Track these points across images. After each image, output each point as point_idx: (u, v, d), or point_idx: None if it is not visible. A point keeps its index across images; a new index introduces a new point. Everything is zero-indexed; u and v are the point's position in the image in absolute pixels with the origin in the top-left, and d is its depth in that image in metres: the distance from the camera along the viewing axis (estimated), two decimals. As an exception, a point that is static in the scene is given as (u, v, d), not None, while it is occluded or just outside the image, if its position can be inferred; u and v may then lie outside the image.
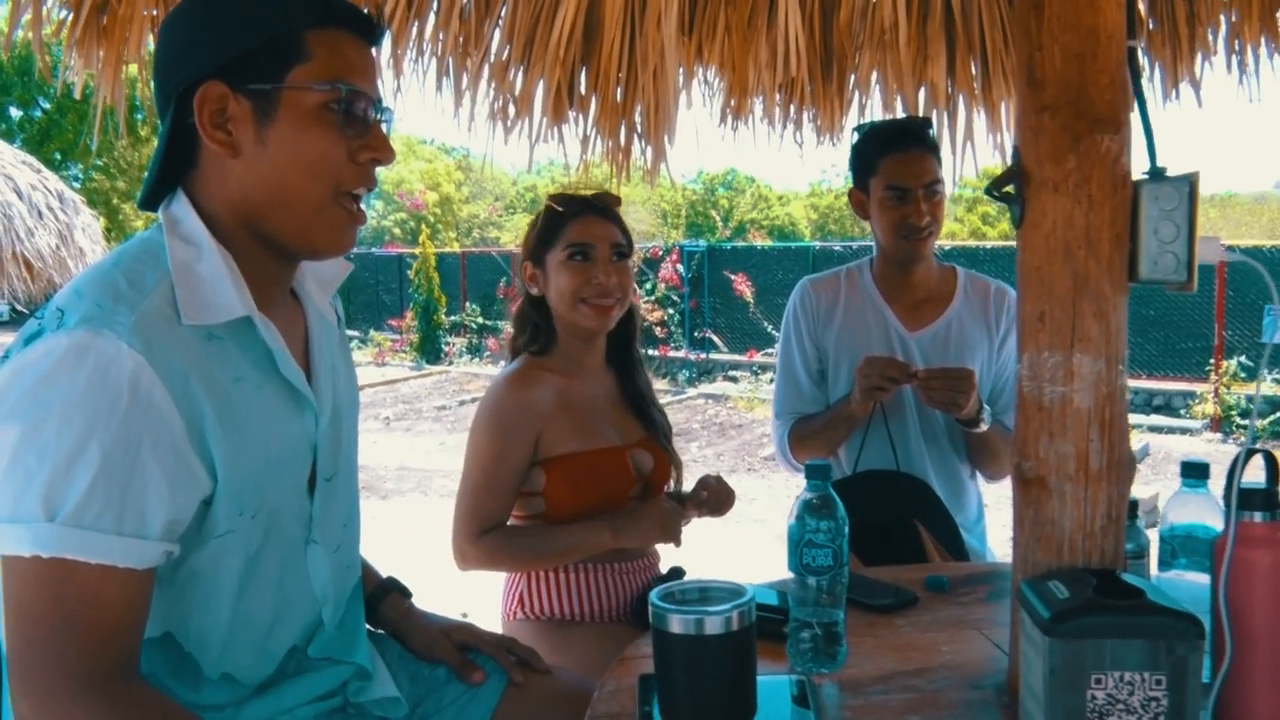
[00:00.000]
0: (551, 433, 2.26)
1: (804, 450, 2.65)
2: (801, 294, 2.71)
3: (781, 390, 2.73)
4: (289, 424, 1.36)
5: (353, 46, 1.33)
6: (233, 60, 1.26)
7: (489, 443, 2.25)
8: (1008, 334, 2.63)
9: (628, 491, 2.33)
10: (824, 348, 2.67)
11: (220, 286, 1.26)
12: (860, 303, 2.66)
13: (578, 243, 2.31)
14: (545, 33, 2.64)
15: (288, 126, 1.27)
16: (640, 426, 2.42)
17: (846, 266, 2.76)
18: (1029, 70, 1.39)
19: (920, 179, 2.50)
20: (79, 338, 1.13)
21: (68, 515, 1.10)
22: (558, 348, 2.39)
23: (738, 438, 11.78)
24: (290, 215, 1.31)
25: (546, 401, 2.27)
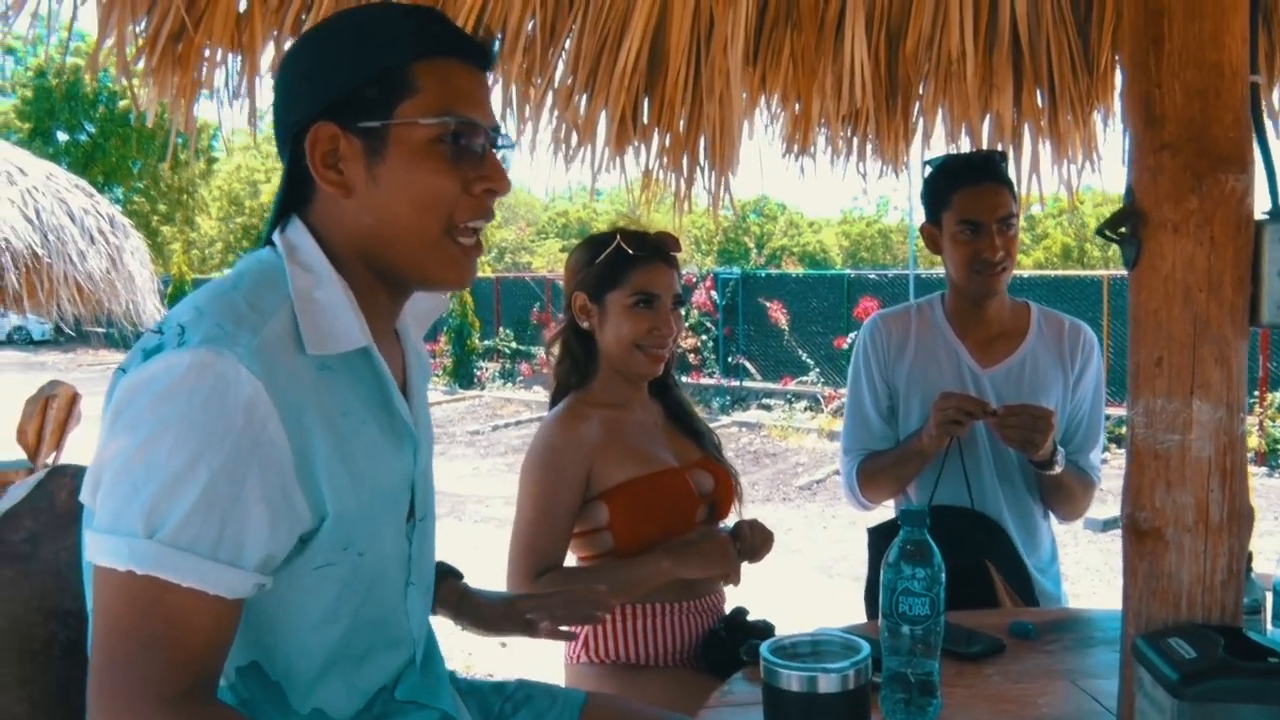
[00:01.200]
0: (604, 464, 2.23)
1: (873, 487, 2.60)
2: (872, 329, 2.67)
3: (851, 426, 2.68)
4: (392, 461, 1.33)
5: (462, 75, 1.30)
6: (341, 99, 1.24)
7: (540, 483, 2.22)
8: (1083, 372, 2.57)
9: (693, 513, 2.30)
10: (894, 384, 2.62)
11: (341, 316, 1.24)
12: (932, 339, 2.61)
13: (645, 291, 2.28)
14: (610, 61, 2.62)
15: (398, 163, 1.25)
16: (694, 446, 2.40)
17: (917, 302, 2.72)
18: (1146, 107, 1.34)
19: (994, 213, 2.45)
20: (200, 356, 1.11)
21: (167, 534, 1.08)
22: (600, 381, 2.36)
23: (772, 466, 11.69)
24: (405, 250, 1.29)
25: (594, 435, 2.24)
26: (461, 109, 1.27)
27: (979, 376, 2.55)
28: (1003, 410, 2.34)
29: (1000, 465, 2.53)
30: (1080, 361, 2.57)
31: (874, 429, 2.63)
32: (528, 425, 14.77)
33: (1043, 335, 2.59)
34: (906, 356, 2.61)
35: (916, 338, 2.62)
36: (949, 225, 2.50)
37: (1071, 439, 2.57)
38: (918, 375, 2.58)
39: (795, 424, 13.76)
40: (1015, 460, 2.51)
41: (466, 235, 1.30)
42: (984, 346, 2.58)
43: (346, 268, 1.29)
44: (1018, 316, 2.62)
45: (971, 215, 2.46)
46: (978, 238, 2.46)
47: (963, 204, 2.47)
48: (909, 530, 1.54)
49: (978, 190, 2.46)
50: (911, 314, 2.68)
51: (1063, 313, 2.65)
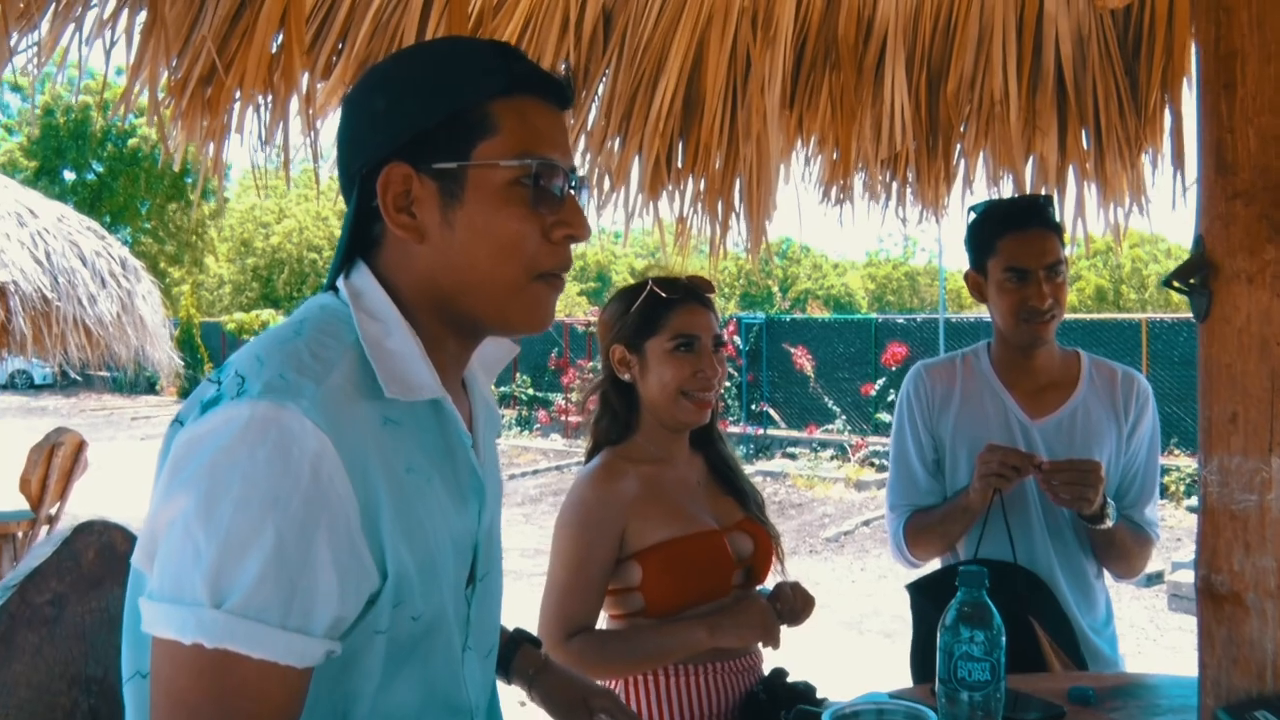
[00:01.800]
0: (640, 523, 2.21)
1: (920, 545, 2.57)
2: (916, 380, 2.65)
3: (896, 481, 2.65)
4: (455, 520, 1.30)
5: (542, 114, 1.27)
6: (415, 139, 1.22)
7: (573, 541, 2.20)
8: (1138, 423, 2.54)
9: (729, 578, 2.27)
10: (940, 436, 2.60)
11: (413, 365, 1.21)
12: (978, 389, 2.59)
13: (685, 333, 2.27)
14: (645, 103, 2.65)
15: (476, 207, 1.22)
16: (736, 507, 2.37)
17: (963, 351, 2.70)
18: (1218, 154, 1.33)
19: (1041, 259, 2.44)
20: (262, 409, 1.08)
21: (236, 603, 1.04)
22: (641, 434, 2.34)
23: (797, 517, 11.61)
24: (483, 298, 1.25)
25: (630, 493, 2.22)
26: (542, 150, 1.24)
27: (1028, 428, 2.53)
28: (1049, 466, 2.32)
29: (1051, 521, 2.50)
30: (1135, 412, 2.54)
31: (920, 483, 2.60)
32: (545, 474, 14.76)
33: (1094, 385, 2.57)
34: (952, 408, 2.59)
35: (962, 388, 2.60)
36: (995, 272, 2.49)
37: (1126, 493, 2.54)
38: (964, 427, 2.56)
39: (821, 473, 13.68)
40: (1066, 515, 2.48)
41: (547, 278, 1.29)
42: (1033, 397, 2.56)
43: (415, 316, 1.26)
44: (1068, 366, 2.60)
45: (1018, 262, 2.45)
46: (1025, 285, 2.45)
47: (1009, 250, 2.46)
48: (967, 592, 1.51)
49: (1025, 236, 2.45)
50: (957, 363, 2.66)
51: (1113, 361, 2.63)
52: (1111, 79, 2.77)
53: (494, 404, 1.52)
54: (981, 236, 2.53)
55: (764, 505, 2.44)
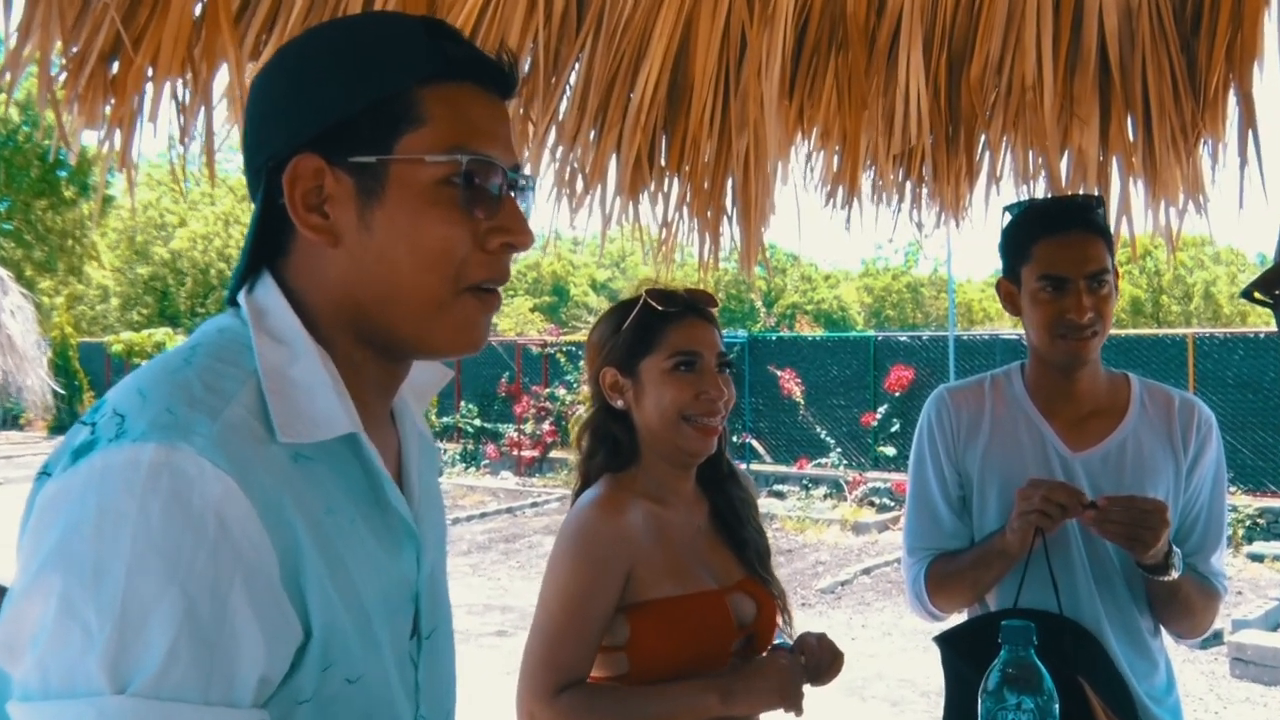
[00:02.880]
0: (645, 571, 2.19)
1: (944, 595, 2.55)
2: (938, 405, 2.64)
3: (915, 521, 2.63)
4: (388, 568, 1.27)
5: (479, 103, 1.26)
6: (331, 128, 1.21)
7: (575, 576, 2.17)
8: (1199, 456, 2.53)
9: (728, 646, 2.25)
10: (966, 471, 2.58)
11: (321, 397, 1.19)
12: (1011, 416, 2.58)
13: (685, 350, 2.26)
14: (624, 91, 2.63)
15: (398, 207, 1.20)
16: (738, 564, 2.35)
17: (991, 373, 2.69)
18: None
19: (1083, 267, 2.44)
20: (149, 453, 1.04)
21: (145, 684, 1.00)
22: (641, 469, 2.33)
23: (787, 565, 11.60)
24: (404, 312, 1.24)
25: (641, 531, 2.20)
26: (477, 144, 1.23)
27: (1069, 462, 2.52)
28: (1104, 502, 2.30)
29: (1098, 569, 2.48)
30: (1195, 444, 2.54)
31: (944, 524, 2.58)
32: (494, 518, 14.68)
33: (1146, 413, 2.56)
34: (980, 438, 2.58)
35: (992, 415, 2.59)
36: (1029, 281, 2.49)
37: (1187, 538, 2.52)
38: (995, 460, 2.55)
39: (814, 514, 13.70)
40: (1117, 563, 2.47)
41: (478, 294, 1.27)
42: (1075, 426, 2.55)
43: (329, 335, 1.24)
44: (1115, 390, 2.60)
45: (1055, 269, 2.45)
46: (1062, 296, 2.44)
47: (1045, 256, 2.46)
48: (1012, 650, 1.49)
49: (1064, 240, 2.45)
50: (985, 387, 2.65)
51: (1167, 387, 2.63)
52: (1165, 57, 2.77)
53: (428, 434, 1.51)
54: (1015, 240, 2.53)
55: (769, 555, 2.42)
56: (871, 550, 12.03)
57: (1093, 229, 2.48)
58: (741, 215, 2.89)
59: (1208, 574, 2.50)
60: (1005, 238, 2.57)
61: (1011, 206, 2.61)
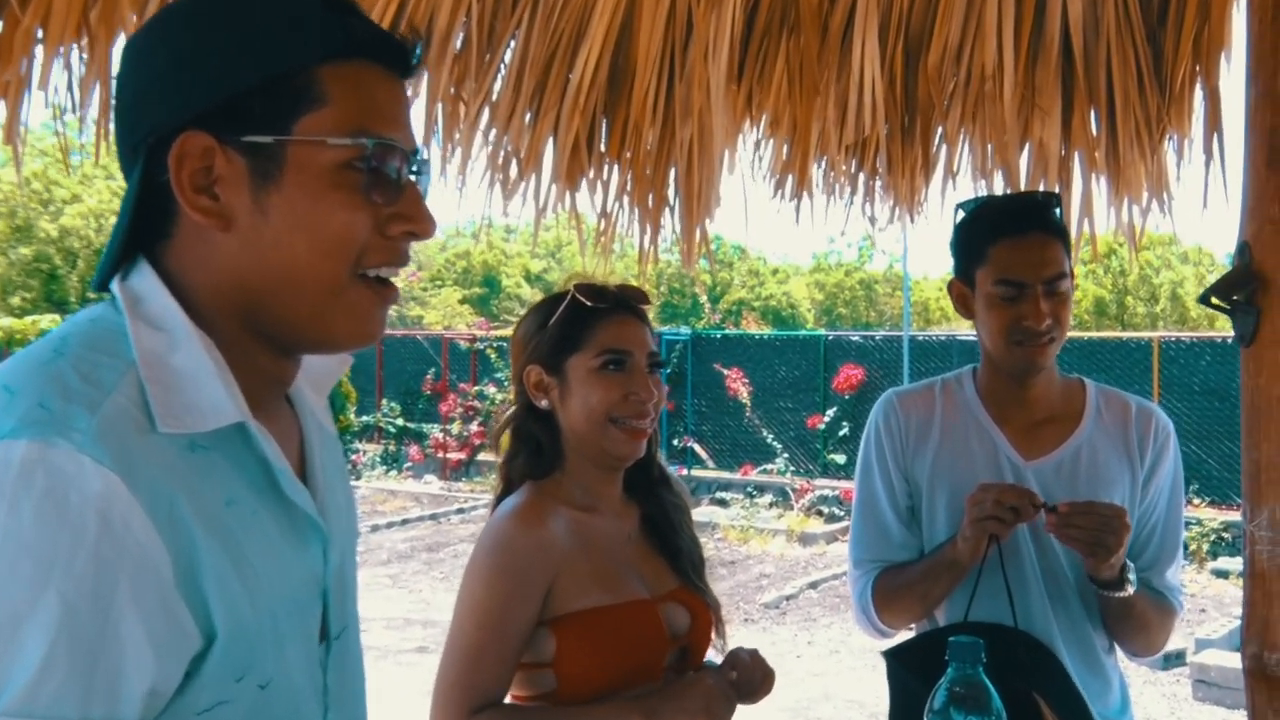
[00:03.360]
0: (568, 582, 2.20)
1: (893, 609, 2.58)
2: (887, 410, 2.67)
3: (861, 532, 2.67)
4: (294, 562, 1.28)
5: (381, 85, 1.27)
6: (222, 104, 1.20)
7: (490, 591, 2.17)
8: (1156, 466, 2.59)
9: (661, 660, 2.26)
10: (915, 479, 2.62)
11: (205, 384, 1.18)
12: (961, 422, 2.62)
13: (614, 349, 2.27)
14: (562, 73, 2.64)
15: (296, 191, 1.21)
16: (671, 573, 2.37)
17: (942, 377, 2.73)
18: (1271, 146, 1.37)
19: (1041, 271, 2.48)
20: (20, 450, 1.03)
21: (16, 700, 0.99)
22: (565, 474, 2.34)
23: (729, 578, 11.67)
24: (299, 301, 1.24)
25: (562, 540, 2.21)
26: (381, 128, 1.24)
27: (1021, 470, 2.56)
28: (1065, 508, 2.35)
29: (1051, 584, 2.53)
30: (1152, 453, 2.60)
31: (892, 535, 2.62)
32: (417, 525, 14.60)
33: (1102, 420, 2.61)
34: (930, 445, 2.62)
35: (942, 421, 2.63)
36: (984, 284, 2.53)
37: (1142, 552, 2.58)
38: (944, 468, 2.59)
39: (758, 524, 13.76)
40: (1071, 578, 2.52)
41: (374, 283, 1.28)
42: (1028, 434, 2.60)
43: (214, 322, 1.24)
44: (1070, 396, 2.65)
45: (1012, 274, 2.49)
46: (1019, 301, 2.48)
47: (1001, 259, 2.50)
48: (959, 668, 1.52)
49: (1021, 242, 2.49)
50: (935, 392, 2.69)
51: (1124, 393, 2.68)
52: (1130, 48, 2.82)
53: (329, 425, 1.52)
54: (971, 240, 2.57)
55: (703, 564, 2.44)
56: (819, 563, 12.13)
57: (1051, 230, 2.52)
58: (684, 206, 2.91)
59: (1163, 589, 2.56)
60: (958, 237, 2.61)
61: (965, 204, 2.64)
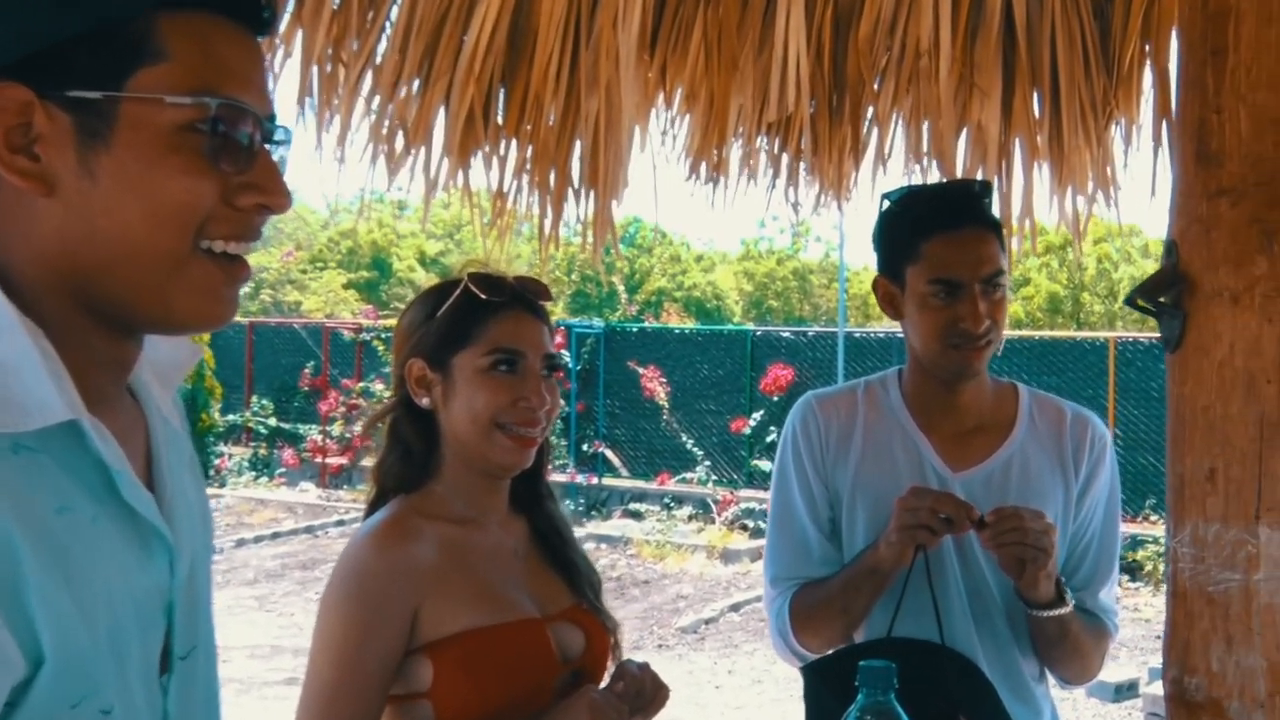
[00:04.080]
0: (438, 604, 2.21)
1: (812, 627, 2.62)
2: (804, 415, 2.71)
3: (778, 547, 2.71)
4: (135, 574, 1.28)
5: (230, 40, 1.27)
6: (42, 53, 1.19)
7: (347, 624, 2.19)
8: (1091, 478, 2.66)
9: (549, 681, 2.29)
10: (836, 489, 2.67)
11: (29, 377, 1.18)
12: (886, 429, 2.67)
13: (506, 348, 2.29)
14: (455, 35, 2.65)
15: (130, 154, 1.20)
16: (563, 588, 2.40)
17: (865, 380, 2.78)
18: (1200, 138, 1.44)
19: (978, 269, 2.53)
20: None
21: None
22: (443, 483, 2.35)
23: (642, 599, 11.73)
24: (135, 275, 1.23)
25: (428, 561, 2.22)
26: (228, 88, 1.24)
27: (948, 482, 2.61)
28: (994, 517, 2.41)
29: (976, 604, 2.58)
30: (1088, 464, 2.66)
31: (812, 550, 2.66)
32: (290, 539, 14.46)
33: (1035, 428, 2.68)
34: (852, 453, 2.66)
35: (865, 427, 2.67)
36: (916, 284, 2.56)
37: (1076, 570, 2.65)
38: (867, 479, 2.63)
39: (676, 539, 13.82)
40: (997, 596, 2.58)
41: (221, 259, 1.28)
42: (956, 443, 2.65)
43: (40, 301, 1.23)
44: (1001, 403, 2.71)
45: (949, 272, 2.52)
46: (955, 302, 2.52)
47: (936, 256, 2.53)
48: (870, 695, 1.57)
49: (956, 238, 2.53)
50: (858, 396, 2.73)
51: (1060, 397, 2.75)
52: (1076, 23, 2.90)
53: (176, 422, 1.51)
54: (899, 235, 2.60)
55: (600, 587, 2.47)
56: (742, 582, 12.23)
57: (987, 223, 2.58)
58: (589, 186, 2.94)
59: (1097, 610, 2.63)
60: (885, 230, 2.64)
61: (891, 193, 2.68)
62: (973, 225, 2.53)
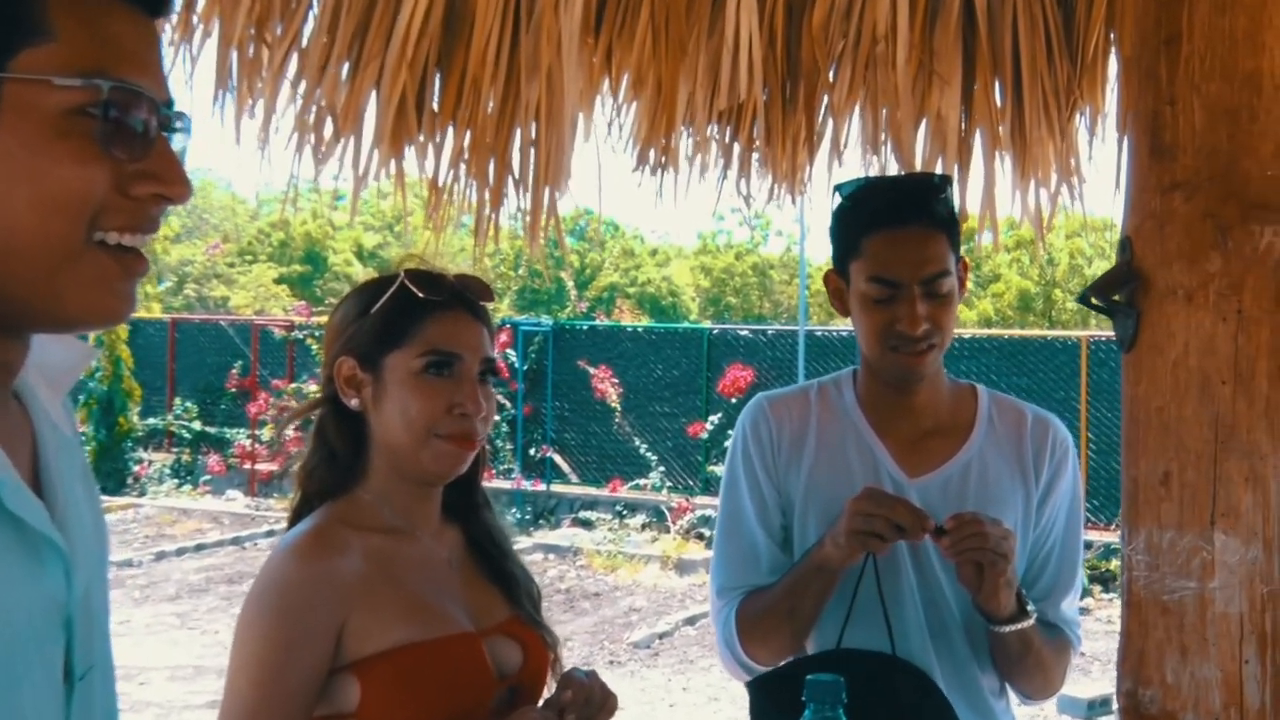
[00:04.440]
0: (366, 619, 2.21)
1: (759, 636, 2.63)
2: (755, 417, 2.72)
3: (727, 555, 2.72)
4: (25, 587, 1.28)
5: (124, 21, 1.26)
6: None
7: (266, 641, 2.18)
8: (1053, 484, 2.69)
9: (485, 699, 2.29)
10: (788, 494, 2.68)
11: None
12: (840, 433, 2.68)
13: (441, 350, 2.29)
14: (387, 17, 2.65)
15: (15, 138, 1.19)
16: (501, 600, 2.40)
17: (818, 381, 2.78)
18: (1154, 131, 1.48)
19: (919, 270, 2.53)
20: None
21: None
22: (370, 490, 2.35)
23: (593, 613, 11.73)
24: (22, 269, 1.22)
25: (353, 573, 2.22)
26: (122, 70, 1.24)
27: (904, 487, 2.63)
28: (953, 523, 2.42)
29: (933, 616, 2.60)
30: (1049, 469, 2.69)
31: (761, 558, 2.66)
32: (215, 552, 14.36)
33: (994, 432, 2.70)
34: (805, 457, 2.67)
35: (819, 431, 2.69)
36: (857, 281, 2.57)
37: (1036, 580, 2.68)
38: (820, 485, 2.64)
39: (628, 549, 13.82)
40: (955, 611, 2.60)
41: (116, 251, 1.28)
42: (912, 447, 2.66)
43: None
44: (959, 405, 2.73)
45: (886, 271, 2.53)
46: (894, 303, 2.52)
47: (876, 253, 2.55)
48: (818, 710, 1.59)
49: (899, 236, 2.54)
50: (811, 397, 2.74)
51: (1022, 400, 2.78)
52: (1039, 10, 2.94)
53: (69, 427, 1.50)
54: (846, 230, 2.61)
55: (540, 599, 2.48)
56: (698, 595, 12.24)
57: (935, 221, 2.58)
58: (531, 177, 2.95)
59: (1059, 622, 2.66)
60: (835, 224, 2.66)
61: (844, 185, 2.69)
62: (918, 223, 2.53)
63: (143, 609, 11.30)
